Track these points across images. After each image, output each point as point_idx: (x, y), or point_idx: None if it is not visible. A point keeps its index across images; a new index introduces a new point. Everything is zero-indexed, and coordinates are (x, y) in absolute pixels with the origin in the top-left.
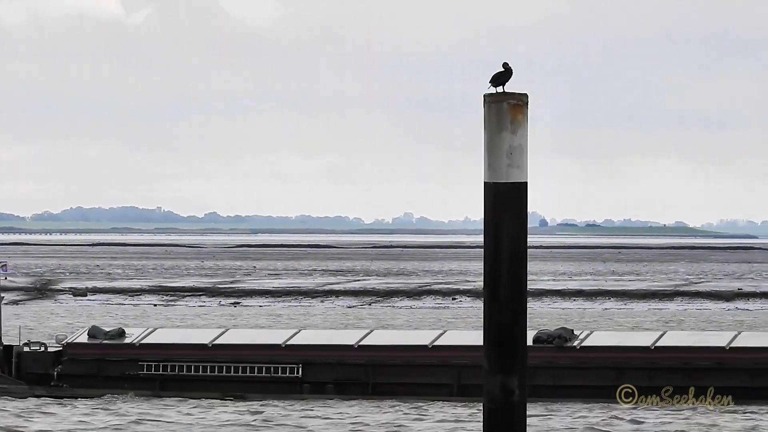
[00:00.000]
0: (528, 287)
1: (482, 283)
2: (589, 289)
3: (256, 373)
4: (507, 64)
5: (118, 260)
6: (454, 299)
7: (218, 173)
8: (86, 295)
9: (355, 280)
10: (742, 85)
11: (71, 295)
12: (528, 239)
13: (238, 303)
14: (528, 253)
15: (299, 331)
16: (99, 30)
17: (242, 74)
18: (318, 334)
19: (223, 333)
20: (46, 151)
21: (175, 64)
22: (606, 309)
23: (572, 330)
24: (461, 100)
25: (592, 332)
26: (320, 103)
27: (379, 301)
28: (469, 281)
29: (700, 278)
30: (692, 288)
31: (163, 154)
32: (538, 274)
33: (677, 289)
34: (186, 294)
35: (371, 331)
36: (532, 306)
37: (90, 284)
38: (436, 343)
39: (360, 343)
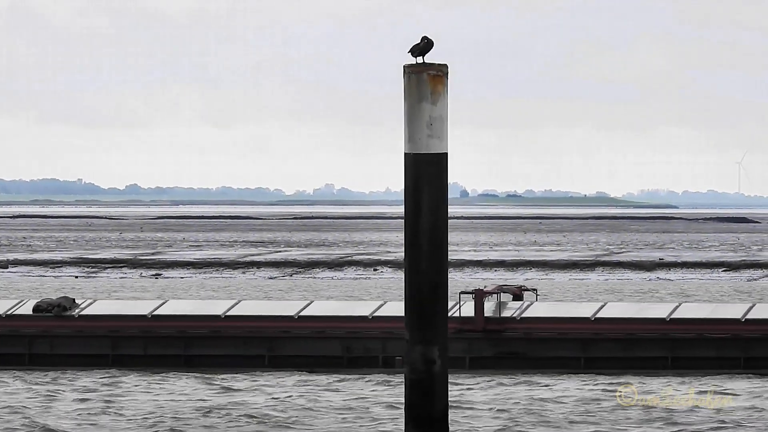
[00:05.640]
0: (449, 258)
1: (403, 254)
2: (510, 260)
3: None
4: (426, 37)
5: (40, 232)
6: (375, 270)
7: (138, 145)
8: (7, 267)
9: (276, 252)
10: (657, 55)
11: None
12: (449, 210)
13: (160, 275)
14: (449, 224)
15: None
16: (5, 5)
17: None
18: None
19: None
20: None
21: (86, 37)
22: (527, 279)
23: (74, 299)
24: (381, 72)
25: (95, 301)
26: (234, 74)
27: (300, 272)
28: (390, 252)
29: (621, 248)
30: (613, 258)
31: (82, 126)
32: (459, 245)
33: (598, 259)
34: (107, 266)
35: None
36: (453, 276)
37: (11, 256)
38: (8, 313)
39: None
